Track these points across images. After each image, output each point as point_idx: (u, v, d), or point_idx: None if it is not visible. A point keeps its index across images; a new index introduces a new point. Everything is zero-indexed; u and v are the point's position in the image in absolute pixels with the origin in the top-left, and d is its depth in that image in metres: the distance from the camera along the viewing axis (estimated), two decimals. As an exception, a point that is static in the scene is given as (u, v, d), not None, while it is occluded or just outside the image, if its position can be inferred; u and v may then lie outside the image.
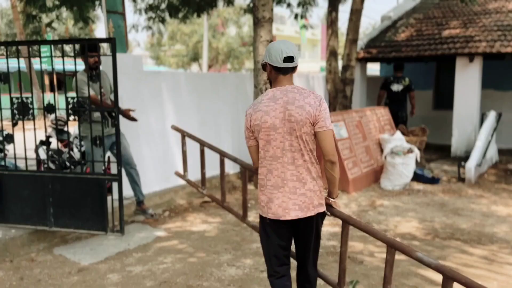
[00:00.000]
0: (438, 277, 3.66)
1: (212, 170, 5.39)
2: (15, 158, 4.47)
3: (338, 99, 8.63)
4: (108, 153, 5.02)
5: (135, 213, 5.09)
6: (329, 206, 2.68)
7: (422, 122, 9.85)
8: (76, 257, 4.19)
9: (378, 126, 7.64)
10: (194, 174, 5.12)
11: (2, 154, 4.73)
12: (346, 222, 2.74)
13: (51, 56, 4.18)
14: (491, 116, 8.01)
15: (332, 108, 8.69)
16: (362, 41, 10.43)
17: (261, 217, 2.68)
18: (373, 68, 20.60)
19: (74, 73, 4.28)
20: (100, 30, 27.66)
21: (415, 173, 6.95)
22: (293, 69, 2.55)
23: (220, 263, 4.04)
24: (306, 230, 2.61)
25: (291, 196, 2.52)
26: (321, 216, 2.65)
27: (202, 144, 4.37)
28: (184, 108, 6.23)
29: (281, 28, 45.66)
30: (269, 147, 2.54)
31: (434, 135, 10.68)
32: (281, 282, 2.69)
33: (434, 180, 6.87)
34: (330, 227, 4.99)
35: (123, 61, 4.99)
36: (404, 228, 4.98)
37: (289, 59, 2.48)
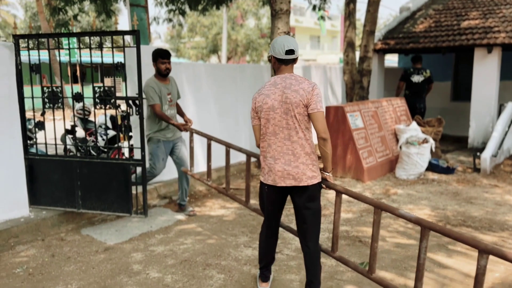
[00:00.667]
0: (447, 261, 3.81)
1: (232, 159, 5.58)
2: (45, 144, 4.75)
3: (355, 90, 8.72)
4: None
5: (177, 210, 5.26)
6: (324, 180, 3.04)
7: (440, 114, 9.86)
8: (102, 237, 4.46)
9: (394, 116, 7.72)
10: (215, 163, 5.29)
11: (33, 141, 5.02)
12: (339, 192, 3.07)
13: (79, 48, 4.42)
14: (509, 107, 7.99)
15: (349, 99, 8.80)
16: (380, 32, 10.46)
17: (261, 183, 3.12)
18: (393, 60, 20.49)
19: (101, 65, 4.53)
20: (121, 22, 28.10)
21: (430, 163, 7.05)
22: (294, 60, 2.98)
23: (237, 244, 4.26)
24: (301, 199, 2.98)
25: (286, 167, 2.92)
26: (316, 189, 2.97)
27: (209, 138, 4.47)
28: (204, 98, 6.44)
29: (301, 19, 45.50)
30: (269, 125, 2.96)
31: (452, 126, 10.69)
32: (269, 233, 3.26)
33: (449, 170, 6.94)
34: (344, 213, 5.15)
35: (146, 52, 5.21)
36: (417, 215, 5.09)
37: (290, 52, 2.92)
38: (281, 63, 2.97)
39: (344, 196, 3.26)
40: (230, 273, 3.65)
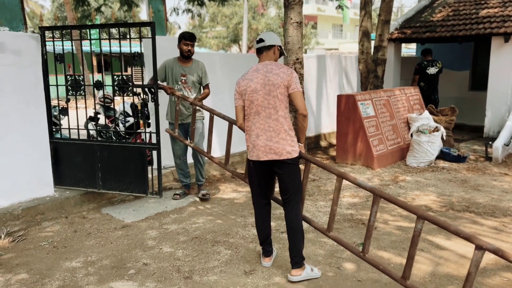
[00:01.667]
0: (444, 242, 3.97)
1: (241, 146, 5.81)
2: (69, 129, 5.09)
3: (370, 79, 8.81)
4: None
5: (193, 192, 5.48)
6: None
7: (458, 103, 9.86)
8: (121, 216, 4.78)
9: (407, 105, 7.81)
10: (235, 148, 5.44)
11: (58, 126, 5.37)
12: (308, 161, 3.41)
13: (100, 39, 4.71)
14: (525, 96, 7.97)
15: (364, 88, 8.89)
16: (397, 21, 10.48)
17: (247, 160, 3.47)
18: (413, 48, 20.25)
19: (120, 54, 4.82)
20: (144, 12, 28.52)
21: (441, 151, 7.14)
22: (266, 48, 3.38)
23: (246, 224, 4.51)
24: (281, 172, 3.31)
25: (268, 143, 3.26)
26: (295, 163, 3.29)
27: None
28: (218, 87, 6.67)
29: (323, 8, 45.12)
30: (253, 105, 3.31)
31: (470, 116, 10.66)
32: (260, 211, 3.55)
33: (460, 159, 7.01)
34: (350, 198, 5.35)
35: (162, 43, 5.47)
36: (421, 201, 5.26)
37: (259, 40, 3.41)
38: (258, 52, 3.43)
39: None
40: (237, 249, 3.91)
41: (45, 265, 3.65)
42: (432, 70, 8.62)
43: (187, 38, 4.97)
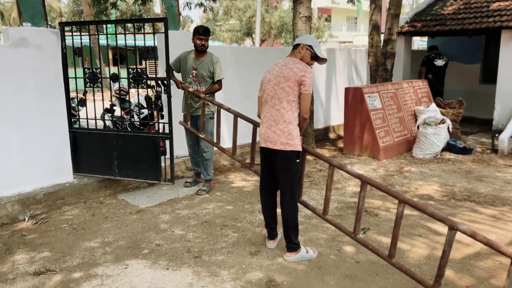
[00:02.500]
0: (443, 229, 4.15)
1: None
2: (87, 119, 5.37)
3: (379, 72, 8.94)
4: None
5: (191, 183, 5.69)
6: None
7: (468, 96, 9.92)
8: (136, 201, 5.06)
9: (415, 98, 7.93)
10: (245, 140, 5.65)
11: (76, 117, 5.66)
12: (305, 151, 3.65)
13: (115, 34, 4.97)
14: (533, 89, 8.03)
15: (373, 80, 9.03)
16: (408, 15, 10.55)
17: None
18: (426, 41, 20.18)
19: (135, 48, 5.07)
20: (158, 6, 28.82)
21: (448, 143, 7.27)
22: (294, 47, 3.60)
23: (253, 210, 4.75)
24: (276, 161, 3.52)
25: (267, 131, 3.50)
26: (288, 156, 3.43)
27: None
28: (229, 79, 6.89)
29: (337, 0, 44.93)
30: (265, 95, 3.55)
31: (480, 109, 10.71)
32: (264, 198, 3.77)
33: (466, 150, 7.14)
34: (354, 187, 5.54)
35: (175, 37, 5.70)
36: (424, 190, 5.43)
37: (296, 46, 3.60)
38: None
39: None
40: (244, 232, 4.15)
41: (65, 245, 3.94)
42: (439, 62, 8.83)
43: (201, 33, 5.06)
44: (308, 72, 3.40)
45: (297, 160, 3.51)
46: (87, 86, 5.24)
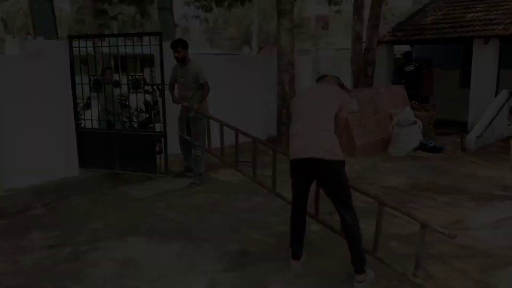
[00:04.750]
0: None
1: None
2: (91, 120, 6.07)
3: (361, 78, 9.66)
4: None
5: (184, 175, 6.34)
6: None
7: (450, 100, 10.61)
8: (134, 193, 5.73)
9: (391, 102, 8.62)
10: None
11: (83, 118, 6.36)
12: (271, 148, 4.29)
13: (117, 46, 5.68)
14: (502, 94, 8.73)
15: (356, 86, 9.74)
16: (389, 25, 11.27)
17: (290, 162, 3.49)
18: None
19: (133, 55, 5.76)
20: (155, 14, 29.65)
21: (421, 143, 7.94)
22: (321, 77, 3.80)
23: (237, 199, 5.42)
24: (320, 171, 3.37)
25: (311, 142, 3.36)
26: (336, 165, 3.32)
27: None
28: (218, 85, 7.50)
29: (334, 8, 45.81)
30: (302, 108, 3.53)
31: (460, 112, 11.36)
32: (296, 216, 3.59)
33: (436, 149, 7.81)
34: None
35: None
36: (391, 183, 6.09)
37: (321, 77, 3.82)
38: (321, 79, 3.82)
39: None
40: (228, 216, 4.83)
41: (73, 226, 4.61)
42: (408, 68, 9.70)
43: (172, 47, 5.62)
44: (346, 97, 3.61)
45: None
46: (92, 91, 5.94)
